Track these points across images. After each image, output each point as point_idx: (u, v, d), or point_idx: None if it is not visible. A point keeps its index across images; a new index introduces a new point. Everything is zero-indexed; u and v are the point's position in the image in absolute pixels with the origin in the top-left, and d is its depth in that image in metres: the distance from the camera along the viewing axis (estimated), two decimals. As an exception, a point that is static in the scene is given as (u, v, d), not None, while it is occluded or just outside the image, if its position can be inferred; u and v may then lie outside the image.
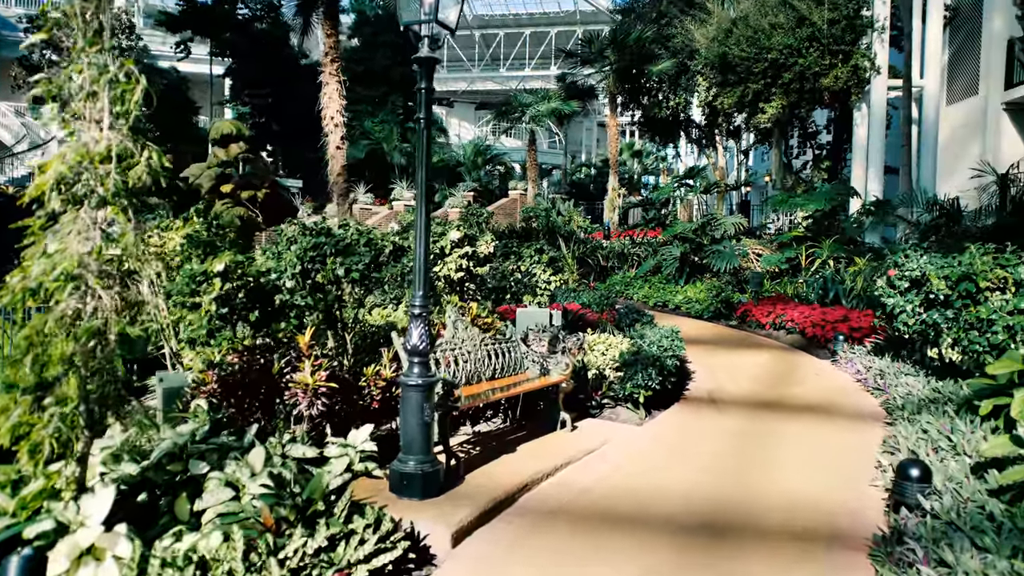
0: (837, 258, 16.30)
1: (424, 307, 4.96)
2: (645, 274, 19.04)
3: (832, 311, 12.89)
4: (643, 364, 7.79)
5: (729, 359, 11.14)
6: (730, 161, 39.66)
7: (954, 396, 7.22)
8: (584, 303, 13.75)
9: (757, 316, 14.11)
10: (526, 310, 8.67)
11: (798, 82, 20.12)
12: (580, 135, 61.62)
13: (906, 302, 8.63)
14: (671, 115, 29.05)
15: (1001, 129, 19.45)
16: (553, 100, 29.98)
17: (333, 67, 13.78)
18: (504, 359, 6.85)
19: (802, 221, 20.10)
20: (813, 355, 11.54)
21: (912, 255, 8.68)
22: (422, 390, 4.92)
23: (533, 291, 10.06)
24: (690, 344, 11.82)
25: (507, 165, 44.46)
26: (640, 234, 22.11)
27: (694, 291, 16.89)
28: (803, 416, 7.86)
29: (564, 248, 19.74)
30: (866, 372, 9.55)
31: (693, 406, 8.25)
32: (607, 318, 12.35)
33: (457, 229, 8.49)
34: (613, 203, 27.71)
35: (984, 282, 6.88)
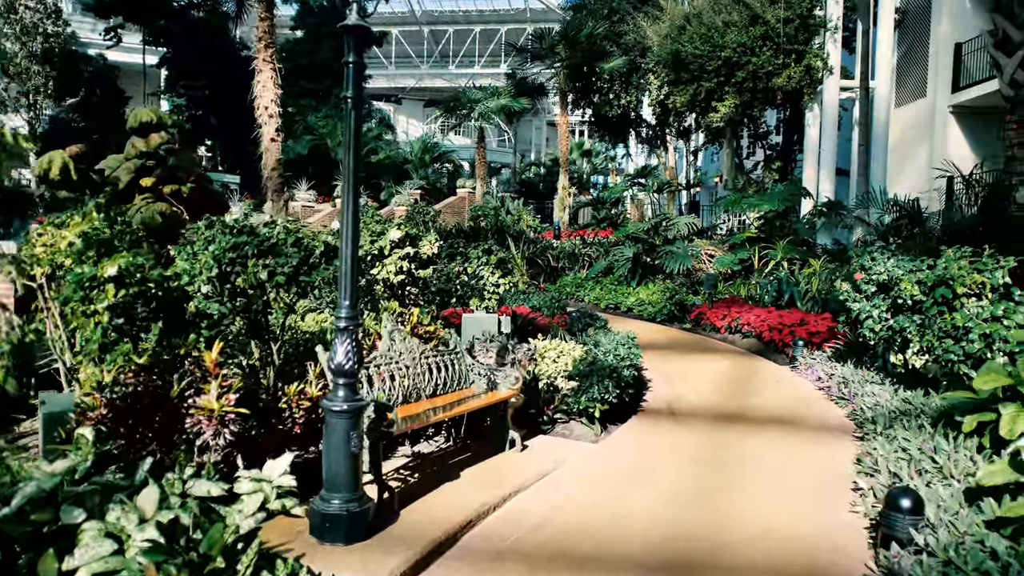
0: (791, 259, 16.02)
1: (351, 319, 4.24)
2: (596, 275, 18.54)
3: (789, 314, 12.53)
4: (599, 375, 7.18)
5: (686, 365, 10.64)
6: (679, 162, 39.62)
7: (926, 408, 6.80)
8: (534, 306, 13.13)
9: (712, 319, 13.69)
10: (473, 316, 7.99)
11: (751, 81, 19.87)
12: (530, 134, 61.21)
13: (872, 307, 8.22)
14: (622, 113, 28.67)
15: (948, 132, 19.50)
16: (503, 97, 29.33)
17: (267, 53, 12.85)
18: (447, 373, 6.15)
19: (754, 222, 19.86)
20: (771, 360, 11.12)
21: (879, 258, 8.27)
22: (348, 416, 4.20)
23: (481, 294, 9.39)
24: (645, 349, 11.29)
25: (456, 163, 43.68)
26: (591, 234, 21.62)
27: (647, 293, 16.44)
28: (768, 429, 7.35)
29: (513, 248, 19.11)
30: (828, 379, 9.13)
31: (651, 419, 7.68)
32: (559, 322, 11.76)
33: (398, 228, 7.76)
34: (563, 202, 27.20)
35: (961, 288, 6.46)
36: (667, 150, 31.70)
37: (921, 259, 7.93)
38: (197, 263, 6.29)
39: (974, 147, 19.43)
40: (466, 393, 6.20)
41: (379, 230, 7.75)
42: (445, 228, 22.09)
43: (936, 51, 19.81)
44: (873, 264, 8.22)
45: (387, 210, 29.55)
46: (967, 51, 19.28)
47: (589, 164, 48.90)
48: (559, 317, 12.22)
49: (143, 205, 9.82)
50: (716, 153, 35.28)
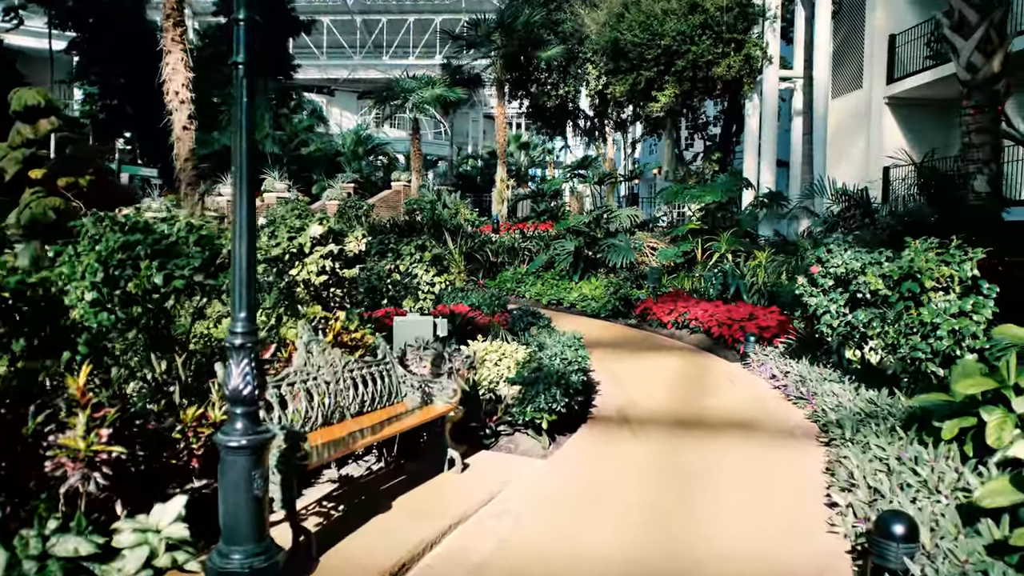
0: (735, 252, 15.71)
1: (249, 334, 3.47)
2: (537, 270, 17.94)
3: (737, 308, 12.13)
4: (545, 383, 6.54)
5: (635, 365, 10.12)
6: (618, 154, 39.42)
7: (894, 410, 6.37)
8: (473, 304, 12.44)
9: (658, 314, 13.23)
10: (406, 319, 7.25)
11: (691, 70, 19.54)
12: (467, 126, 60.42)
13: (830, 302, 7.80)
14: (560, 104, 28.18)
15: (884, 123, 19.56)
16: (438, 86, 28.45)
17: (176, 32, 11.71)
18: (376, 386, 5.41)
19: (694, 213, 19.56)
20: (722, 357, 10.69)
21: (836, 250, 7.85)
22: (249, 453, 3.44)
23: (415, 294, 8.66)
24: (591, 348, 10.73)
25: (390, 156, 42.57)
26: (531, 227, 21.02)
27: (590, 288, 15.92)
28: (728, 435, 6.84)
29: (451, 243, 18.35)
30: (783, 377, 8.70)
31: (603, 428, 7.08)
32: (499, 321, 11.10)
33: (320, 223, 6.96)
34: (502, 195, 26.55)
35: (930, 281, 6.04)
36: (606, 142, 31.36)
37: (880, 251, 7.54)
38: (80, 266, 5.41)
39: (909, 138, 19.54)
40: (398, 409, 5.47)
41: (299, 225, 6.93)
42: (379, 223, 21.18)
43: (871, 42, 19.84)
44: (830, 257, 7.79)
45: (318, 204, 28.38)
46: (901, 42, 19.35)
47: (527, 157, 48.41)
48: (500, 316, 11.56)
49: (32, 199, 8.74)
50: (654, 145, 35.14)
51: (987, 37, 7.32)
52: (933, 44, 18.46)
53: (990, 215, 7.42)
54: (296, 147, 32.30)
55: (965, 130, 7.52)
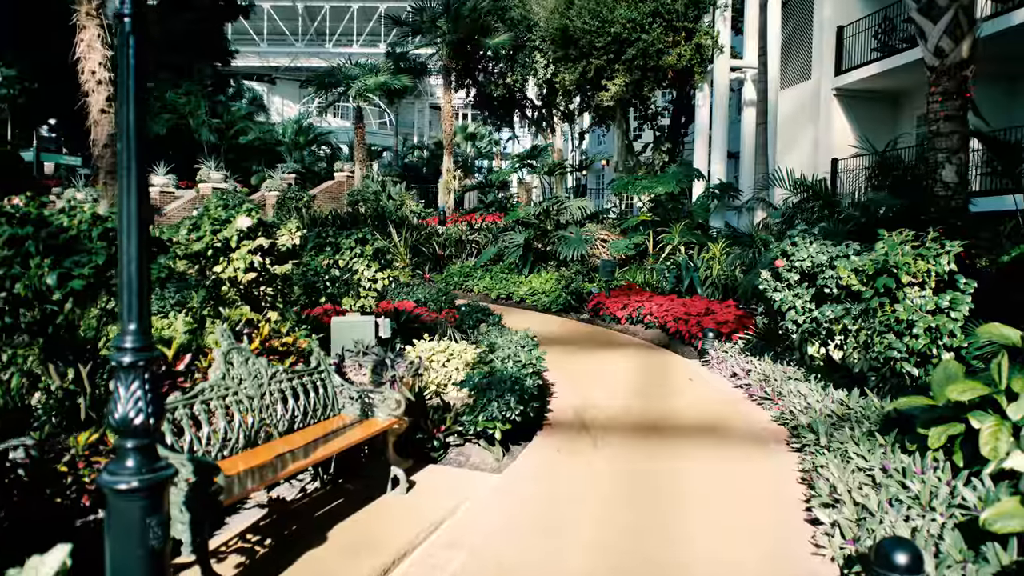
0: (688, 244, 15.41)
1: (141, 350, 2.82)
2: (486, 263, 17.38)
3: (693, 302, 11.79)
4: (498, 389, 5.99)
5: (591, 363, 9.65)
6: (565, 145, 39.05)
7: (868, 412, 6.02)
8: (419, 300, 11.84)
9: (611, 309, 12.81)
10: (345, 320, 6.62)
11: (641, 59, 19.19)
12: (412, 117, 59.42)
13: (795, 297, 7.44)
14: (507, 93, 27.61)
15: (832, 115, 19.54)
16: (382, 74, 27.58)
17: (91, 4, 10.68)
18: (309, 399, 4.80)
19: (645, 205, 19.24)
20: (679, 354, 10.31)
21: (801, 243, 7.48)
22: (143, 497, 2.80)
23: (357, 291, 8.01)
24: (545, 345, 10.23)
25: (334, 146, 41.45)
26: (479, 219, 20.43)
27: (540, 281, 15.43)
28: (693, 441, 6.40)
29: (395, 235, 17.66)
30: (745, 375, 8.34)
31: (561, 435, 6.57)
32: (447, 318, 10.54)
33: (248, 214, 6.27)
34: (448, 186, 25.86)
35: (906, 276, 5.68)
36: (553, 133, 30.90)
37: (847, 244, 7.20)
38: (-44, 264, 4.67)
39: (856, 130, 19.55)
40: (334, 424, 4.87)
41: (224, 217, 6.23)
42: (321, 215, 20.32)
43: (820, 32, 19.78)
44: (795, 250, 7.42)
45: (258, 196, 27.30)
46: (849, 34, 19.34)
47: (474, 148, 47.73)
48: (447, 312, 10.99)
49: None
50: (603, 136, 34.85)
51: (956, 20, 7.03)
52: (881, 36, 18.49)
53: (959, 207, 7.16)
54: (234, 136, 31.03)
55: (933, 118, 7.23)
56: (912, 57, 16.79)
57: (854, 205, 8.92)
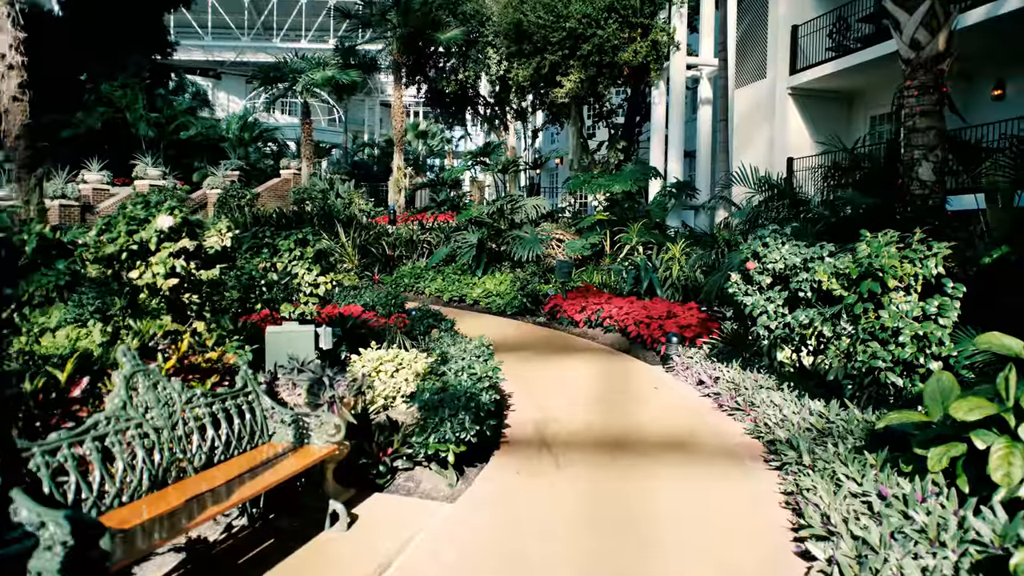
0: (647, 244, 15.02)
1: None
2: (438, 264, 16.74)
3: (654, 305, 11.37)
4: (451, 407, 5.40)
5: (549, 371, 9.13)
6: (519, 143, 38.58)
7: (851, 426, 5.60)
8: (367, 304, 11.18)
9: (569, 312, 12.31)
10: (281, 330, 5.96)
11: (597, 55, 18.79)
12: (363, 114, 58.32)
13: (767, 301, 7.02)
14: (459, 90, 26.95)
15: (787, 114, 19.40)
16: (330, 68, 26.66)
17: (-1, -19, 9.80)
18: (234, 426, 4.15)
19: (600, 204, 18.83)
20: (642, 360, 9.86)
21: (772, 244, 7.07)
22: (-13, 578, 2.16)
23: (297, 296, 7.35)
24: (500, 351, 9.70)
25: (280, 143, 40.18)
26: (430, 218, 19.76)
27: (494, 283, 14.88)
28: (664, 458, 5.91)
29: (343, 235, 16.91)
30: (713, 383, 7.90)
31: (520, 456, 6.01)
32: (396, 323, 9.90)
33: (171, 213, 5.56)
34: (399, 184, 25.10)
35: (893, 280, 5.28)
36: (507, 131, 30.37)
37: (821, 245, 6.80)
38: None
39: (811, 130, 19.47)
40: (264, 454, 4.23)
41: (142, 216, 5.51)
42: (265, 213, 19.41)
43: (775, 31, 19.62)
44: (766, 251, 7.00)
45: (199, 193, 26.13)
46: (804, 33, 19.22)
47: (425, 146, 46.94)
48: (397, 317, 10.36)
49: None
50: (556, 134, 34.45)
51: (932, 11, 6.69)
52: (835, 36, 18.39)
53: (936, 206, 6.83)
54: (175, 131, 29.70)
55: (909, 112, 6.89)
56: (866, 57, 16.71)
57: (823, 204, 8.55)
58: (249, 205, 20.60)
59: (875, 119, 19.33)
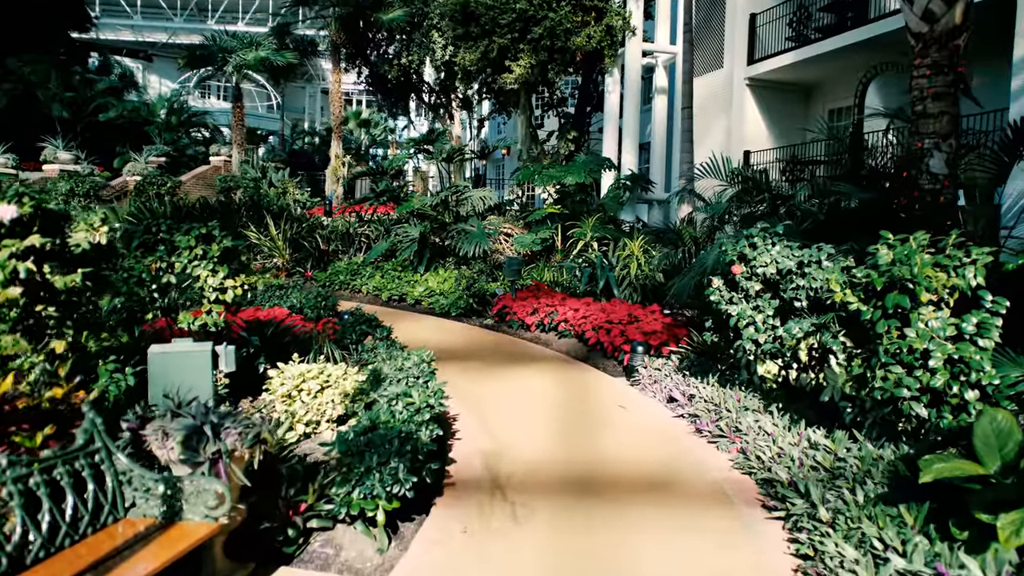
0: (602, 239, 14.05)
1: None
2: (376, 259, 15.46)
3: (612, 307, 10.38)
4: (382, 452, 4.27)
5: (500, 386, 8.02)
6: (464, 133, 37.40)
7: (865, 465, 4.66)
8: (294, 306, 9.92)
9: (520, 314, 11.24)
10: (169, 350, 4.71)
11: (548, 39, 17.73)
12: (303, 102, 56.24)
13: (755, 311, 6.06)
14: (403, 76, 25.60)
15: (745, 105, 18.70)
16: (263, 48, 24.96)
17: None
18: (69, 502, 2.95)
19: (550, 196, 17.80)
20: (602, 370, 8.84)
21: (761, 244, 6.11)
22: None
23: (199, 302, 6.09)
24: (443, 361, 8.60)
25: (213, 128, 38.05)
26: (369, 210, 18.42)
27: (438, 281, 13.71)
28: (642, 504, 4.88)
29: (273, 228, 15.49)
30: (688, 402, 6.93)
31: (468, 504, 4.90)
32: (325, 330, 8.70)
33: (15, 202, 4.28)
34: (336, 173, 23.67)
35: (927, 294, 4.34)
36: (452, 120, 29.13)
37: (818, 246, 5.86)
38: None
39: (768, 123, 18.84)
40: (115, 538, 3.04)
41: (-25, 203, 4.21)
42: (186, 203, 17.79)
43: (732, 19, 18.87)
44: (755, 253, 6.04)
45: (119, 180, 24.21)
46: (762, 22, 18.51)
47: (368, 135, 45.34)
48: (326, 322, 9.14)
49: None
50: (502, 124, 33.35)
51: (950, -23, 5.82)
52: (796, 25, 17.72)
53: (949, 202, 5.98)
54: (91, 113, 27.55)
55: (919, 95, 6.01)
56: (827, 48, 16.06)
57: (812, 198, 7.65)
58: (170, 193, 18.95)
59: (834, 112, 18.76)
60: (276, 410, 6.35)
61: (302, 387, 6.50)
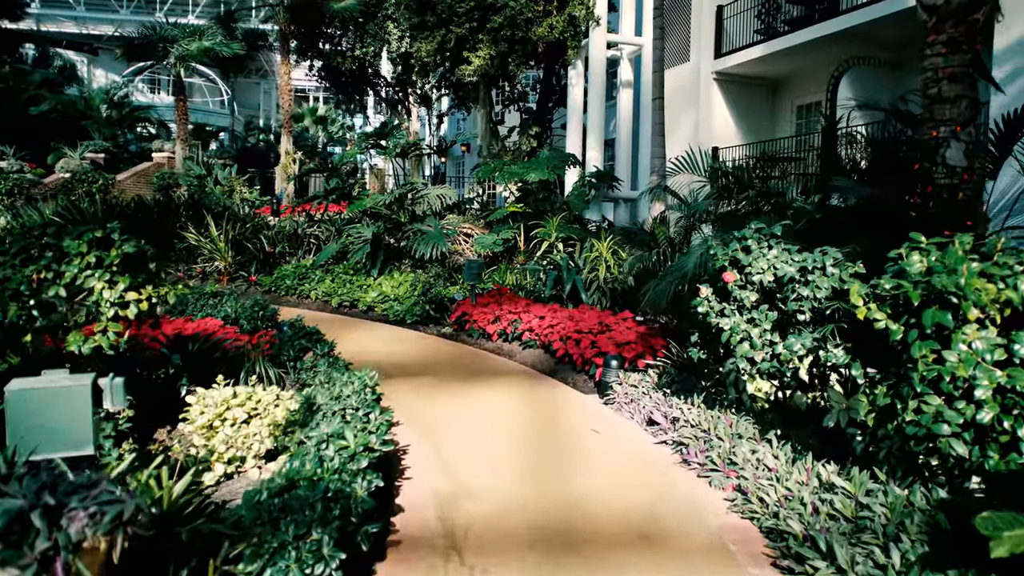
0: (567, 240, 13.21)
1: None
2: (326, 262, 14.40)
3: (582, 315, 9.55)
4: (301, 519, 3.32)
5: (457, 406, 7.10)
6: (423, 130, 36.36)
7: (893, 513, 3.87)
8: (228, 316, 8.89)
9: (480, 322, 10.34)
10: (31, 386, 3.70)
11: (509, 29, 16.85)
12: (258, 98, 54.60)
13: (750, 324, 5.25)
14: (358, 68, 24.50)
15: (712, 100, 18.05)
16: (207, 38, 23.62)
17: None
18: None
19: (512, 195, 16.92)
20: (571, 385, 7.98)
21: (755, 248, 5.29)
22: None
23: (96, 318, 5.08)
24: (394, 378, 7.69)
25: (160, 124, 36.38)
26: (319, 209, 17.33)
27: (392, 285, 12.74)
28: (625, 566, 4.02)
29: (214, 228, 14.35)
30: (670, 425, 6.11)
31: (418, 566, 3.98)
32: (259, 343, 7.71)
33: None
34: (287, 170, 22.47)
35: (975, 311, 3.56)
36: (409, 116, 28.06)
37: (822, 249, 5.07)
38: None
39: (736, 118, 18.22)
40: None
41: None
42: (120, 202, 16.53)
43: (699, 11, 18.21)
44: (750, 258, 5.22)
45: (54, 178, 22.68)
46: (729, 15, 17.88)
47: (325, 133, 44.02)
48: (263, 335, 8.13)
49: None
50: (462, 121, 32.40)
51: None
52: (764, 17, 17.11)
53: (969, 198, 5.24)
54: (23, 105, 25.89)
55: (933, 76, 5.26)
56: (796, 40, 15.46)
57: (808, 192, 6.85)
58: (101, 191, 17.64)
59: (802, 108, 18.21)
60: (195, 444, 5.42)
61: (226, 416, 5.55)
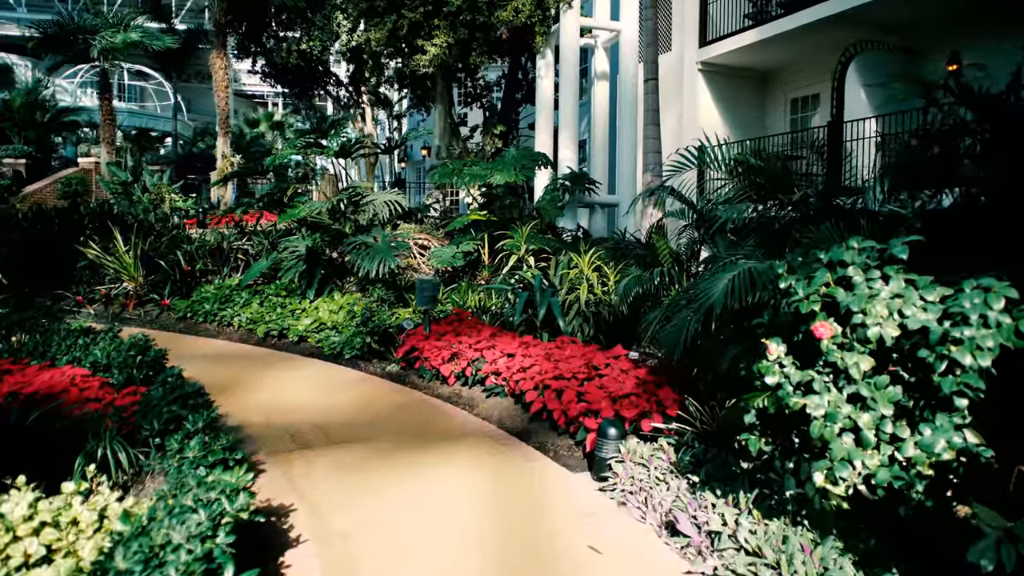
0: (539, 253, 11.15)
1: None
2: (256, 281, 12.15)
3: (562, 350, 7.47)
4: None
5: (392, 501, 4.93)
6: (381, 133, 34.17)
7: None
8: (98, 363, 6.67)
9: (434, 360, 8.18)
10: None
11: (469, 13, 14.78)
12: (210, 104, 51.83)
13: (858, 409, 3.21)
14: (305, 64, 22.26)
15: (697, 92, 16.19)
16: (134, 30, 21.16)
17: None
18: None
19: (474, 201, 14.83)
20: (552, 457, 5.88)
21: (859, 280, 3.25)
22: None
23: None
24: (311, 450, 5.55)
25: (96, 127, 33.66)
26: (251, 218, 15.04)
27: (331, 310, 10.54)
28: None
29: (121, 243, 12.02)
30: (706, 541, 4.05)
31: None
32: (118, 409, 5.52)
33: None
34: (223, 173, 20.11)
35: None
36: (365, 115, 25.81)
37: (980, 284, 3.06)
38: None
39: (723, 112, 16.40)
40: None
41: None
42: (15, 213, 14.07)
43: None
44: (852, 299, 3.18)
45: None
46: (713, 0, 16.08)
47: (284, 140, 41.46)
48: (128, 393, 5.92)
49: None
50: (422, 122, 30.24)
51: None
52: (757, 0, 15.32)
53: None
54: (-71, 107, 23.20)
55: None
56: (792, 24, 13.64)
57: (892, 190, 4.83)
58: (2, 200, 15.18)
59: (797, 102, 16.41)
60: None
61: (11, 551, 3.42)
